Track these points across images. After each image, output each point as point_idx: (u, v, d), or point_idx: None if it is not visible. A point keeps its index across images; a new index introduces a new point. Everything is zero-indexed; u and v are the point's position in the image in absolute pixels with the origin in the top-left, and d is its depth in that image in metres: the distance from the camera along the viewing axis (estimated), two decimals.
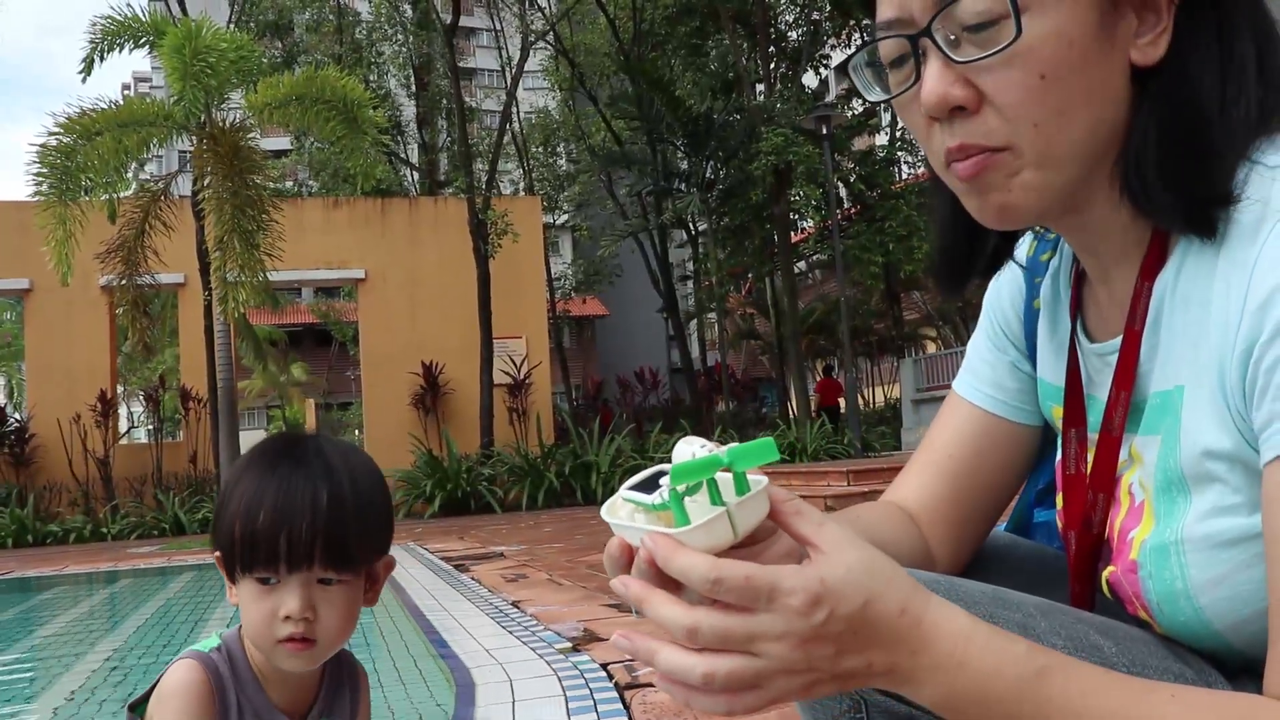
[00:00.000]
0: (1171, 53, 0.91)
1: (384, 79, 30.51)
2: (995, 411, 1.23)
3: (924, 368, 22.31)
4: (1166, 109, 0.91)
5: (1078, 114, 0.89)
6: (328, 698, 1.44)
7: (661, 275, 27.45)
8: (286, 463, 1.34)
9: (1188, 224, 0.90)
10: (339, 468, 1.35)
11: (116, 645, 5.54)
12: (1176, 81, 0.91)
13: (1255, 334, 0.81)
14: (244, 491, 1.32)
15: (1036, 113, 0.88)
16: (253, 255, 12.43)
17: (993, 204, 0.93)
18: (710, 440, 0.79)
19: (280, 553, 1.29)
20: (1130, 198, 0.94)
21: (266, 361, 29.84)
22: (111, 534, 15.33)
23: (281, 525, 1.29)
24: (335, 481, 1.34)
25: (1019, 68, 0.86)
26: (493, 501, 16.11)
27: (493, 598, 5.90)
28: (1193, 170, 0.89)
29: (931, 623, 0.77)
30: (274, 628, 1.30)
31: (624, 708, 3.13)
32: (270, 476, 1.32)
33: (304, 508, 1.31)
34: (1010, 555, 1.28)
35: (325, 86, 13.63)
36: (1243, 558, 0.89)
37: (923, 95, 0.90)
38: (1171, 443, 0.94)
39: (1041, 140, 0.89)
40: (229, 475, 1.39)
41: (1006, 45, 0.85)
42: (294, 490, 1.31)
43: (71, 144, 12.58)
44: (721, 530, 0.75)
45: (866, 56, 0.98)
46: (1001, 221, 0.95)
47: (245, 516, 1.30)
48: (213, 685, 1.33)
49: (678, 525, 0.75)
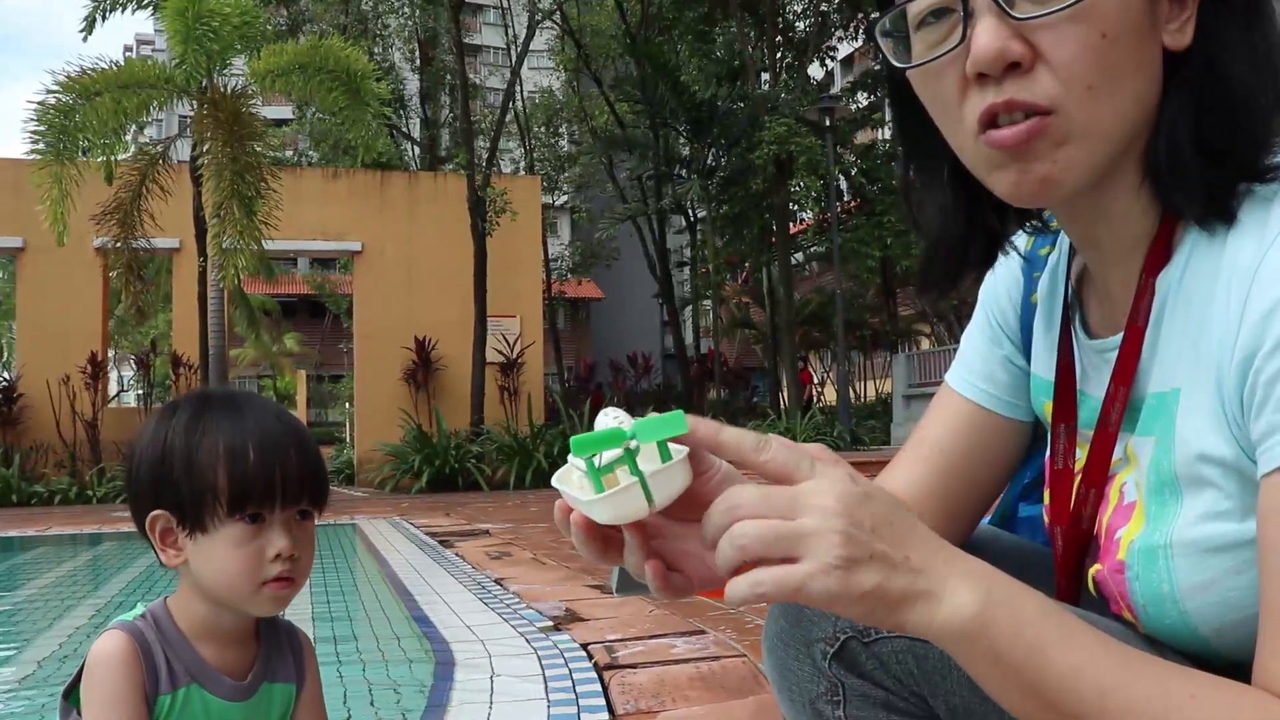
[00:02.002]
0: (1200, 40, 0.90)
1: (389, 52, 30.42)
2: (987, 405, 1.22)
3: (916, 363, 22.30)
4: (1198, 92, 0.90)
5: (1128, 81, 0.88)
6: (266, 660, 1.42)
7: (658, 260, 27.45)
8: (238, 409, 1.36)
9: (1209, 205, 0.89)
10: (284, 414, 1.40)
11: (100, 604, 5.54)
12: (1206, 67, 0.90)
13: (1256, 344, 0.81)
14: (214, 438, 1.32)
15: (1093, 74, 0.86)
16: (250, 223, 12.41)
17: (1035, 175, 0.89)
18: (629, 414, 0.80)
19: (276, 488, 1.31)
20: (1155, 179, 0.93)
21: (259, 330, 29.80)
22: (97, 497, 15.29)
23: (274, 462, 1.32)
24: (295, 422, 1.40)
25: (1081, 23, 0.84)
26: (480, 479, 16.10)
27: (476, 574, 5.91)
28: (1227, 146, 0.89)
29: (952, 546, 0.78)
30: (262, 569, 1.31)
31: (602, 688, 3.13)
32: (237, 420, 1.34)
33: (289, 443, 1.34)
34: (992, 548, 1.27)
35: (329, 56, 13.59)
36: (1232, 564, 0.88)
37: (978, 50, 0.86)
38: (1166, 445, 0.93)
39: (1092, 105, 0.87)
40: (152, 432, 1.38)
41: (1073, 3, 0.83)
42: (272, 429, 1.35)
43: (70, 103, 12.54)
44: (635, 499, 0.76)
45: (889, 24, 0.95)
46: (1038, 195, 0.92)
47: (231, 458, 1.31)
48: (137, 648, 1.32)
49: (596, 493, 0.76)
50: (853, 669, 1.04)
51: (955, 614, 0.74)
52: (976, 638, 0.75)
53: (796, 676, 1.08)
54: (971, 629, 0.75)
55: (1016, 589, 0.77)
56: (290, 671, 1.45)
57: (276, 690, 1.43)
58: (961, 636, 0.75)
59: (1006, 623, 0.75)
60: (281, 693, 1.43)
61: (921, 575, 0.74)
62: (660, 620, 4.06)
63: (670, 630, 3.85)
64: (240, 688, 1.38)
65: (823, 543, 0.71)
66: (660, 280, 27.59)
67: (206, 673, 1.36)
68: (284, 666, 1.45)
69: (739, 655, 3.39)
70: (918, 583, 0.74)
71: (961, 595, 0.74)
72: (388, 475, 16.40)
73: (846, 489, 0.72)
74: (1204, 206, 0.90)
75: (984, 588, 0.75)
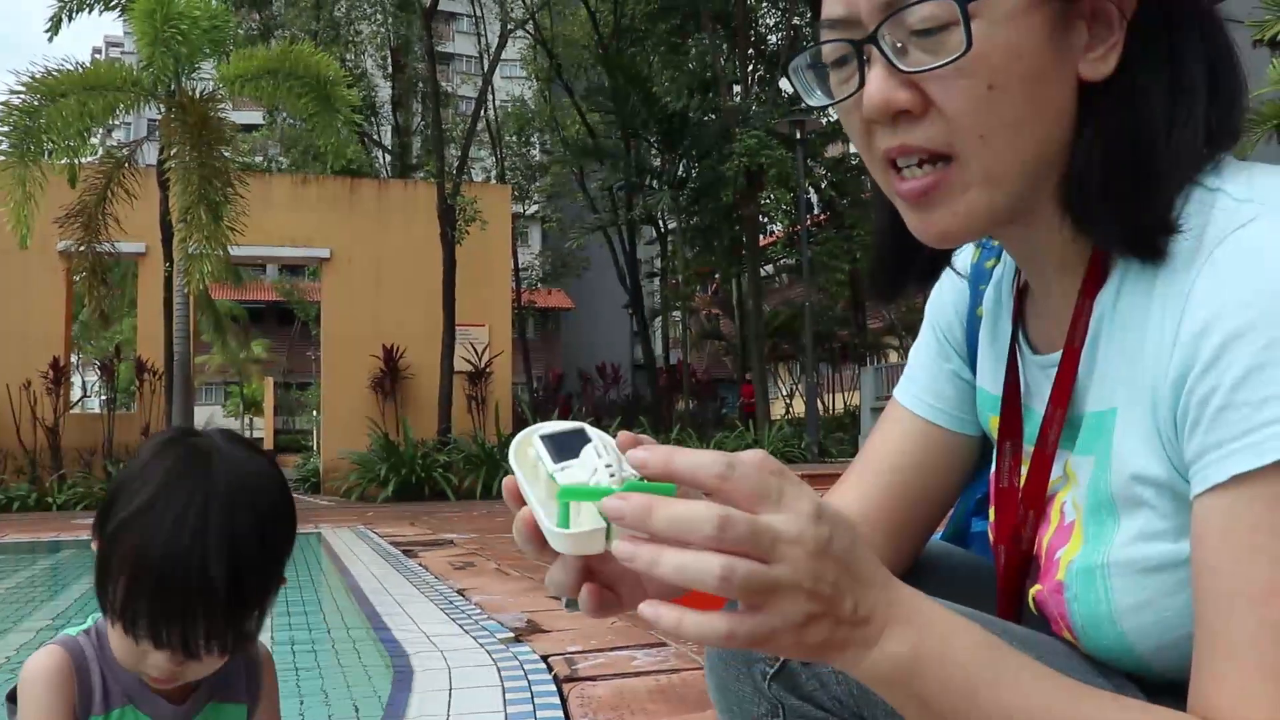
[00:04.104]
0: (1121, 70, 0.89)
1: (360, 59, 30.34)
2: (934, 420, 1.21)
3: (884, 376, 22.41)
4: (1113, 128, 0.89)
5: (1025, 127, 0.87)
6: (213, 680, 1.37)
7: (629, 271, 27.47)
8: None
9: (1128, 248, 0.89)
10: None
11: (57, 613, 5.47)
12: (1124, 100, 0.89)
13: (1188, 364, 0.81)
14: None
15: (984, 123, 0.86)
16: (217, 228, 12.33)
17: (935, 227, 0.91)
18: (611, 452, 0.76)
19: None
20: (1072, 218, 0.93)
21: (226, 337, 29.64)
22: (57, 504, 15.10)
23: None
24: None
25: (968, 76, 0.84)
26: (447, 489, 16.03)
27: (439, 584, 5.87)
28: (1135, 196, 0.88)
29: (896, 581, 0.75)
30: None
31: (561, 701, 3.11)
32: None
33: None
34: (942, 565, 1.27)
35: (299, 62, 13.55)
36: (1167, 583, 0.89)
37: (865, 99, 0.88)
38: (1103, 465, 0.93)
39: (988, 154, 0.87)
40: (125, 476, 1.30)
41: (956, 58, 0.83)
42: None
43: (35, 104, 12.41)
44: (596, 541, 0.73)
45: (809, 58, 0.96)
46: (940, 243, 0.94)
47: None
48: (73, 666, 1.30)
49: (559, 525, 0.73)
50: (793, 690, 1.03)
51: (882, 660, 0.73)
52: (903, 683, 0.74)
53: (737, 696, 1.08)
54: (897, 676, 0.74)
55: (951, 629, 0.75)
56: (242, 690, 1.41)
57: (227, 710, 1.40)
58: (886, 682, 0.74)
59: (934, 669, 0.74)
60: (233, 712, 1.40)
61: (860, 627, 0.72)
62: (622, 632, 4.04)
63: (631, 642, 3.83)
64: (178, 711, 1.35)
65: (791, 602, 0.69)
66: (630, 291, 27.61)
67: (143, 695, 1.33)
68: (235, 685, 1.41)
69: (699, 668, 3.38)
70: (854, 634, 0.72)
71: (891, 644, 0.73)
72: (354, 484, 16.30)
73: (816, 533, 0.69)
74: (1124, 244, 0.89)
75: (914, 636, 0.73)
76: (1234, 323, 0.78)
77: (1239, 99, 0.93)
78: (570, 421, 0.82)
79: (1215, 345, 0.79)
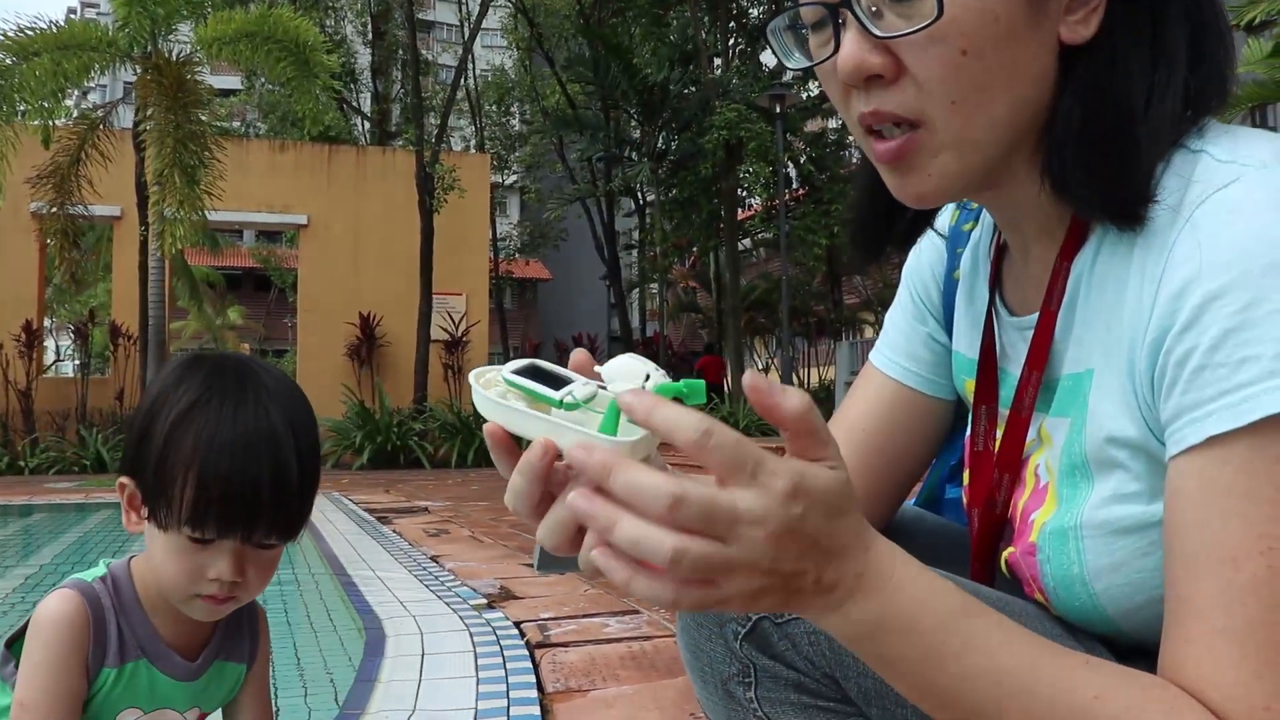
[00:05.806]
0: (1102, 34, 0.89)
1: (340, 24, 30.05)
2: (909, 384, 1.22)
3: (860, 351, 22.50)
4: (1092, 93, 0.89)
5: (999, 92, 0.87)
6: (223, 638, 1.38)
7: (606, 243, 27.39)
8: (241, 401, 1.25)
9: (1106, 216, 0.89)
10: (290, 425, 1.27)
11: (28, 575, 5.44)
12: (1105, 64, 0.89)
13: (1167, 325, 0.81)
14: (194, 440, 1.22)
15: (955, 89, 0.86)
16: (193, 192, 12.19)
17: (911, 188, 0.92)
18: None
19: (236, 523, 1.23)
20: (1050, 183, 0.92)
21: (202, 302, 29.37)
22: (29, 468, 15.00)
23: (240, 498, 1.22)
24: (290, 446, 1.25)
25: (940, 43, 0.84)
26: (422, 457, 16.03)
27: (413, 551, 5.88)
28: (1113, 165, 0.87)
29: (876, 548, 0.73)
30: (197, 585, 1.25)
31: (533, 666, 3.13)
32: (231, 419, 1.23)
33: (266, 480, 1.23)
34: (916, 530, 1.28)
35: (278, 26, 13.38)
36: (1139, 545, 0.89)
37: (839, 62, 0.88)
38: (1078, 427, 0.94)
39: (959, 118, 0.87)
40: (158, 392, 1.28)
41: (928, 24, 0.83)
42: (261, 441, 1.23)
43: (8, 63, 12.23)
44: (649, 445, 0.72)
45: (788, 19, 0.96)
46: (918, 204, 0.95)
47: (199, 476, 1.21)
48: (90, 615, 1.26)
49: (603, 430, 0.72)
50: (764, 649, 1.03)
51: (845, 623, 0.73)
52: (867, 645, 0.74)
53: (709, 657, 1.08)
54: (860, 638, 0.74)
55: (922, 599, 0.74)
56: (245, 652, 1.42)
57: (229, 669, 1.40)
58: (851, 640, 0.75)
59: (898, 637, 0.73)
60: (233, 671, 1.40)
61: (822, 594, 0.71)
62: (594, 599, 4.06)
63: (604, 609, 3.85)
64: (190, 668, 1.34)
65: (746, 579, 0.67)
66: (608, 262, 27.53)
67: (158, 649, 1.31)
68: (240, 646, 1.41)
69: (671, 635, 3.40)
70: (815, 600, 0.71)
71: (855, 612, 0.72)
72: (329, 451, 16.23)
73: (784, 514, 0.67)
74: (1102, 212, 0.89)
75: (878, 609, 0.72)
76: (1213, 284, 0.78)
77: (1225, 64, 0.92)
78: (514, 361, 0.80)
79: (1194, 306, 0.79)
